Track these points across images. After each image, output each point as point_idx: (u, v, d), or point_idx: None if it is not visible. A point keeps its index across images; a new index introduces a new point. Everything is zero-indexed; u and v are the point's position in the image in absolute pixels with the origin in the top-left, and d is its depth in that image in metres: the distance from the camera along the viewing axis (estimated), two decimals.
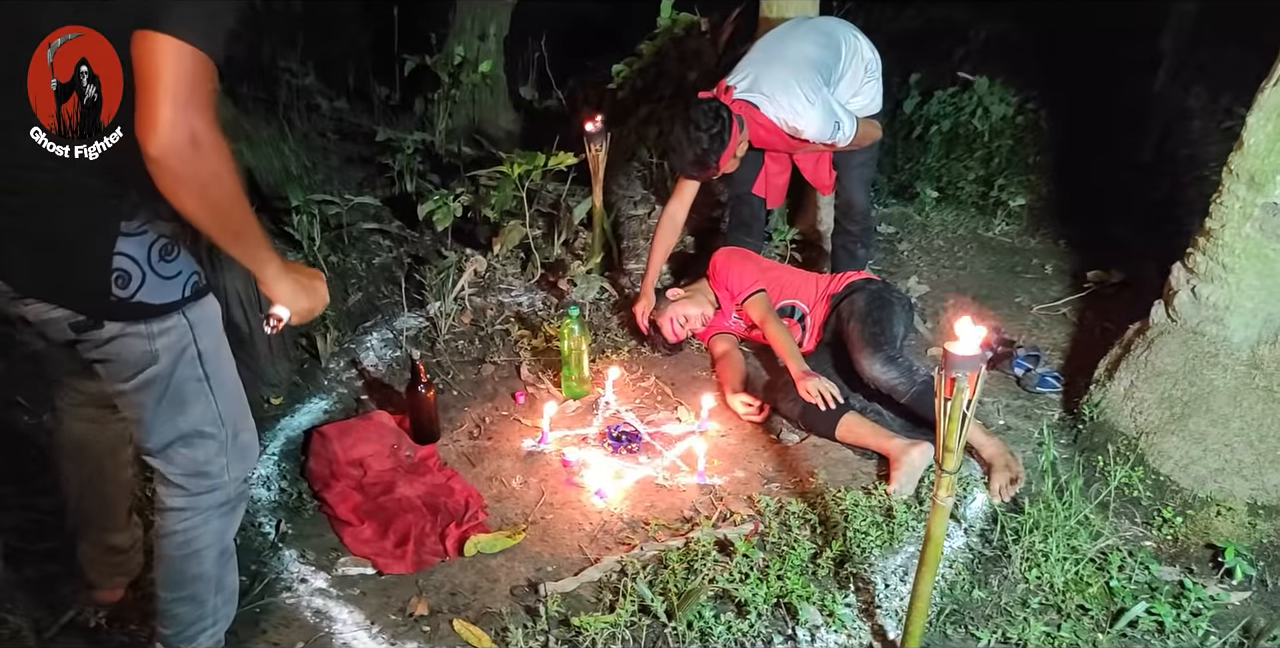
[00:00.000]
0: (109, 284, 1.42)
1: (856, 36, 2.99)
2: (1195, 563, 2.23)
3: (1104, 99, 4.64)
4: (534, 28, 4.93)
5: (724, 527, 2.31)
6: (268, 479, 2.45)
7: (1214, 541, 2.26)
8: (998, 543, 2.25)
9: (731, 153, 2.83)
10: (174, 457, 1.60)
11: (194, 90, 1.27)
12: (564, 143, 3.73)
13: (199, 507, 1.65)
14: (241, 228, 1.41)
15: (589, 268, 3.37)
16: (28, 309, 1.47)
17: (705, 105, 2.79)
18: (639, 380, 2.98)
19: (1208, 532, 2.28)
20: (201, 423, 1.59)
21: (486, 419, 2.74)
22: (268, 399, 2.74)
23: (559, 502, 2.42)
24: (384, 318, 3.20)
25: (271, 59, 4.48)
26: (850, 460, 2.60)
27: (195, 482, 1.63)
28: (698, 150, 2.78)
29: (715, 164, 2.82)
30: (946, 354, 1.74)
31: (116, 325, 1.46)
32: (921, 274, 3.73)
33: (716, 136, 2.76)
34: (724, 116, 2.77)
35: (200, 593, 1.71)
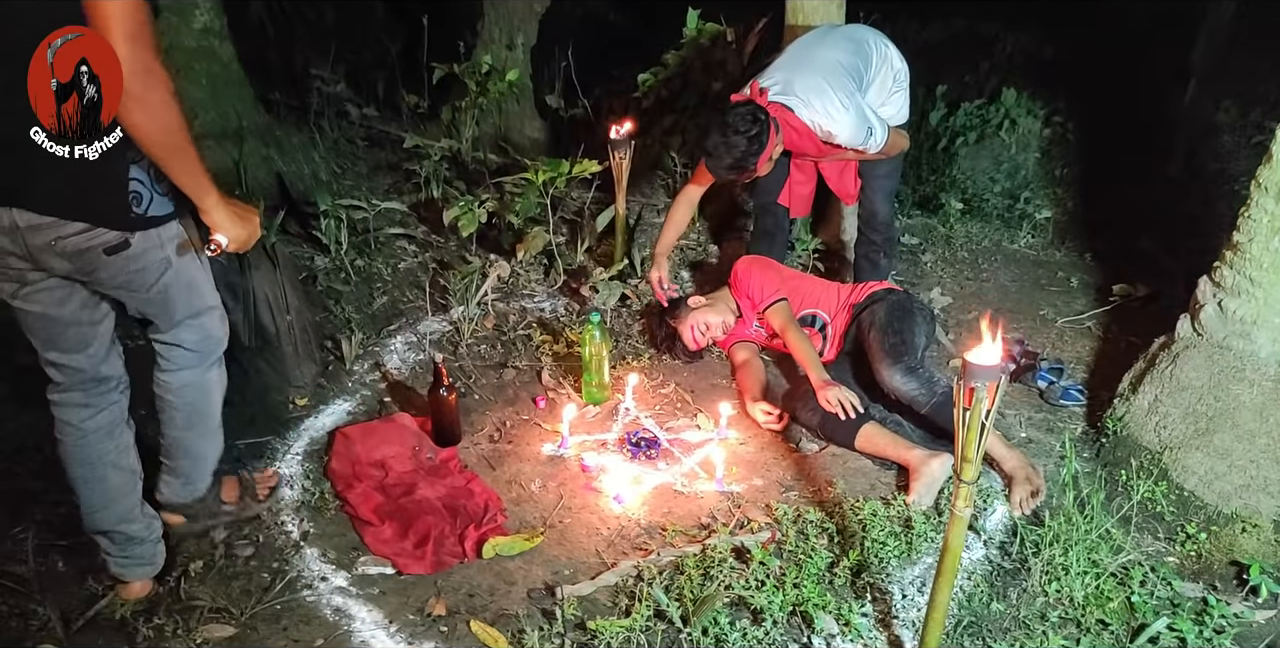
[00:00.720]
0: (128, 204, 1.69)
1: (886, 45, 2.99)
2: (1219, 580, 2.20)
3: (1132, 112, 4.62)
4: (561, 37, 4.99)
5: (741, 534, 2.31)
6: (291, 479, 2.49)
7: (1239, 558, 2.23)
8: (1017, 556, 2.24)
9: (768, 156, 2.82)
10: (186, 332, 1.95)
11: (141, 29, 1.49)
12: (589, 151, 3.77)
13: (205, 362, 2.02)
14: (186, 150, 1.65)
15: (611, 274, 3.40)
16: (67, 243, 1.66)
17: (742, 108, 2.77)
18: (659, 387, 2.99)
19: (1232, 549, 2.25)
20: (207, 298, 1.95)
21: (507, 423, 2.77)
22: (293, 400, 2.78)
23: (577, 506, 2.44)
24: (408, 321, 3.23)
25: (304, 68, 4.56)
26: (869, 471, 2.59)
27: (203, 345, 1.99)
28: (736, 154, 2.76)
29: (753, 167, 2.81)
30: (965, 364, 1.73)
31: (138, 239, 1.73)
32: (945, 286, 3.72)
33: (755, 139, 2.75)
34: (761, 119, 2.76)
35: (214, 428, 2.12)
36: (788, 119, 2.82)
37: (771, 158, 2.86)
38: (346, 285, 3.33)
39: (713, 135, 2.80)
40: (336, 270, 3.37)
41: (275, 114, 4.20)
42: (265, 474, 2.45)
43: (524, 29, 4.67)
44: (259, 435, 2.62)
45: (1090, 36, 5.02)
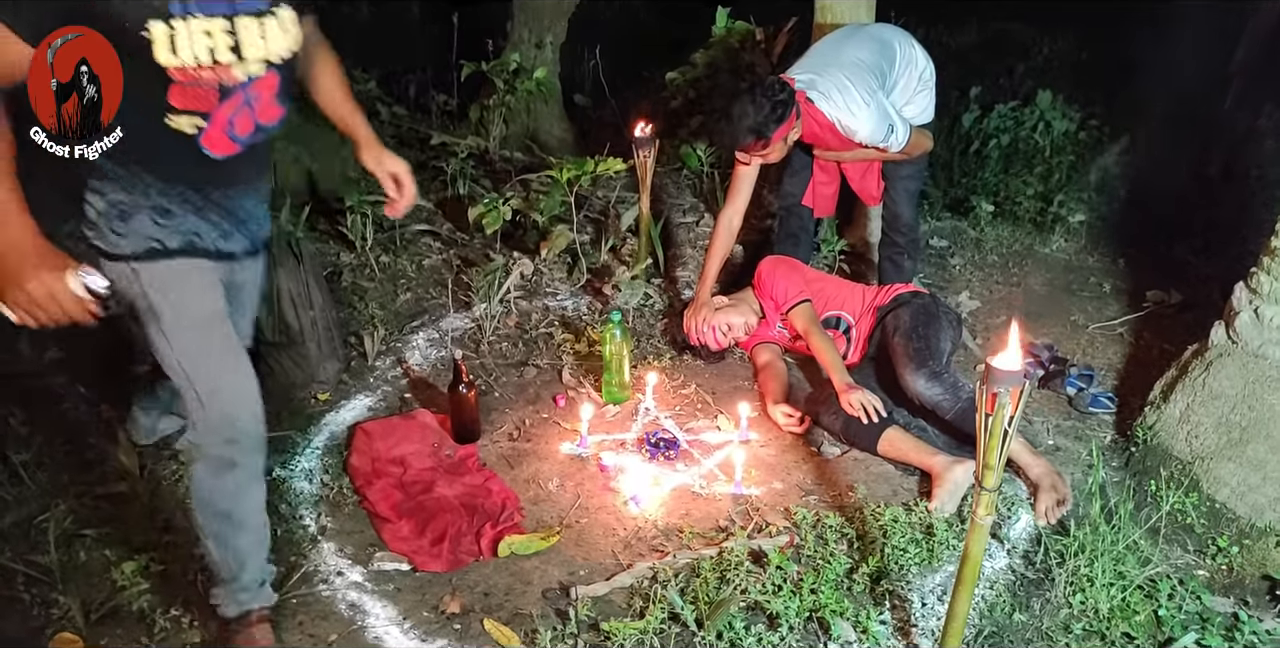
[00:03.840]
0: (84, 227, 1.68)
1: (912, 45, 2.96)
2: (1251, 595, 2.14)
3: (1171, 117, 4.52)
4: (591, 37, 4.99)
5: (759, 538, 2.28)
6: (310, 473, 2.50)
7: (1271, 573, 2.16)
8: (1041, 566, 2.19)
9: (785, 132, 2.77)
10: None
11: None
12: (616, 150, 3.76)
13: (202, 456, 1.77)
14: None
15: (634, 274, 3.38)
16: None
17: (774, 79, 2.78)
18: (680, 387, 2.97)
19: (1265, 563, 2.19)
20: (170, 370, 1.73)
21: (527, 422, 2.76)
22: (315, 396, 2.80)
23: (594, 506, 2.43)
24: (431, 318, 3.24)
25: None
26: (891, 476, 2.56)
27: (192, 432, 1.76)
28: (760, 116, 2.70)
29: (769, 137, 2.75)
30: (989, 368, 1.69)
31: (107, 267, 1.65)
32: (973, 289, 3.67)
33: (781, 103, 2.71)
34: (789, 90, 2.75)
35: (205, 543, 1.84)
36: (811, 111, 2.80)
37: (787, 139, 2.82)
38: (371, 282, 3.35)
39: (740, 99, 2.74)
40: (362, 267, 3.39)
41: (305, 113, 4.23)
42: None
43: (553, 28, 4.67)
44: (281, 430, 2.63)
45: (1129, 40, 4.93)
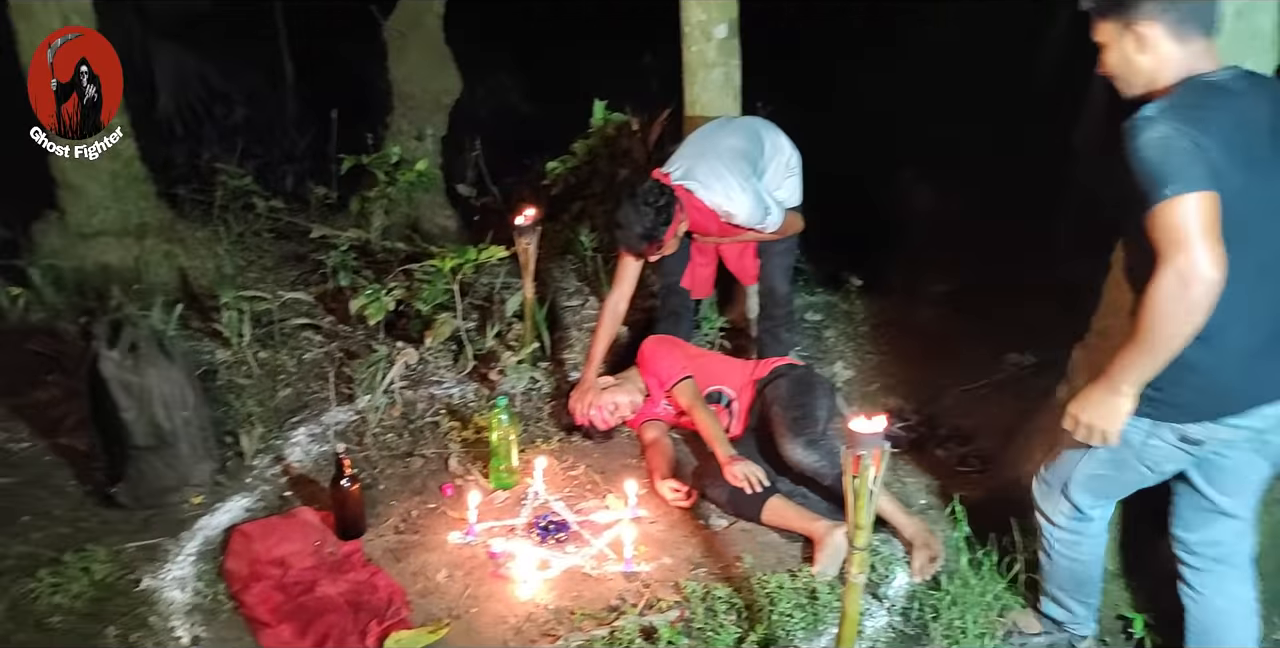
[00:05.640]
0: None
1: (778, 134, 3.19)
2: (1109, 635, 2.27)
3: (1024, 189, 4.90)
4: (471, 128, 5.13)
5: (650, 614, 2.30)
6: (183, 581, 2.40)
7: (1124, 612, 2.30)
8: (917, 621, 2.28)
9: (675, 230, 2.95)
10: None
11: None
12: (499, 237, 3.84)
13: None
14: None
15: (520, 359, 3.42)
16: None
17: (650, 184, 2.94)
18: (569, 469, 2.99)
19: (1119, 603, 2.33)
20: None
21: (413, 513, 2.72)
22: (188, 499, 2.70)
23: (484, 595, 2.40)
24: (313, 413, 3.19)
25: (210, 163, 4.58)
26: (777, 544, 2.62)
27: None
28: (647, 224, 2.88)
29: (662, 238, 2.92)
30: (851, 433, 1.80)
31: None
32: (847, 359, 3.84)
33: (664, 210, 2.89)
34: (668, 192, 2.91)
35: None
36: (691, 201, 2.96)
37: (678, 234, 2.99)
38: (249, 379, 3.28)
39: (624, 207, 2.92)
40: (239, 364, 3.33)
41: (179, 210, 4.19)
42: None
43: (433, 121, 4.79)
44: (151, 538, 2.52)
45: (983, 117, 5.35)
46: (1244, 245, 1.60)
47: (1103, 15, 1.71)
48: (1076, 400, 1.78)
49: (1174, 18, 1.64)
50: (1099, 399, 1.73)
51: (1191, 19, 1.65)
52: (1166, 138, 1.56)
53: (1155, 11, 1.65)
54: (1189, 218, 1.54)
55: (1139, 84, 1.72)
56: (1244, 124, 1.64)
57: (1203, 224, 1.54)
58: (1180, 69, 1.67)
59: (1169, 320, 1.58)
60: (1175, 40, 1.66)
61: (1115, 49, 1.72)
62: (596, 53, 6.18)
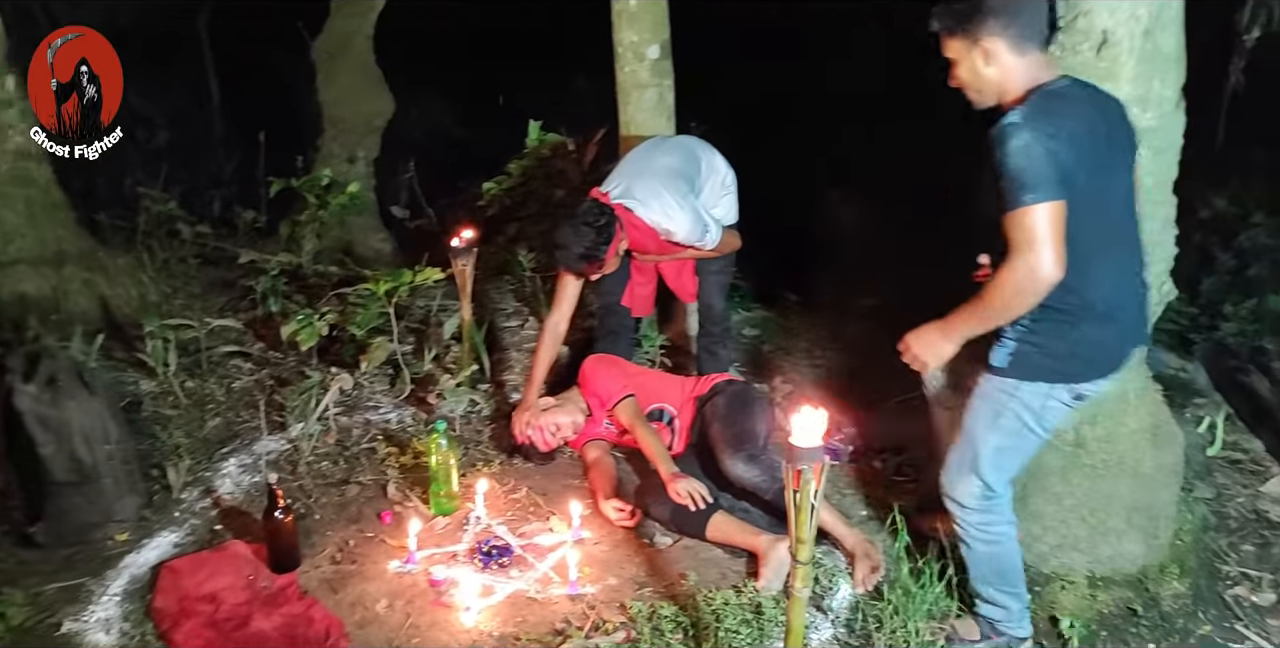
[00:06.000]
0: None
1: (714, 153, 3.23)
2: (1044, 638, 2.32)
3: (944, 204, 5.04)
4: (405, 150, 5.09)
5: (596, 637, 2.27)
6: (108, 622, 2.30)
7: (1058, 614, 2.36)
8: (861, 631, 2.30)
9: (615, 249, 2.94)
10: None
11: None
12: (435, 260, 3.81)
13: None
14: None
15: (459, 381, 3.38)
16: None
17: (589, 204, 2.94)
18: (510, 492, 2.95)
19: (1053, 606, 2.39)
20: None
21: (351, 542, 2.66)
22: (112, 536, 2.60)
23: (426, 624, 2.35)
24: (243, 443, 3.10)
25: (132, 188, 4.46)
26: (720, 560, 2.62)
27: None
28: (587, 243, 2.87)
29: (602, 257, 2.91)
30: (790, 447, 1.81)
31: None
32: (785, 374, 3.88)
33: (604, 229, 2.88)
34: (608, 212, 2.91)
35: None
36: (630, 219, 2.97)
37: (618, 252, 2.99)
38: (175, 409, 3.18)
39: (563, 228, 2.91)
40: (165, 394, 3.22)
41: (101, 237, 4.06)
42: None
43: (365, 143, 4.75)
44: (73, 578, 2.41)
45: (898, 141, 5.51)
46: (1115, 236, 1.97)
47: (952, 33, 1.96)
48: (915, 333, 2.11)
49: (1014, 33, 1.90)
50: (932, 340, 2.07)
51: (1028, 34, 1.91)
52: (1028, 145, 1.82)
53: (998, 28, 1.90)
54: (1041, 224, 1.81)
55: (991, 93, 1.98)
56: (1089, 129, 1.89)
57: (1052, 230, 1.81)
58: (1025, 78, 1.93)
59: (1010, 303, 1.90)
60: (1016, 53, 1.91)
61: (965, 64, 1.97)
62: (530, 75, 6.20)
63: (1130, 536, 2.45)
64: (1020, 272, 1.84)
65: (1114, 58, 2.17)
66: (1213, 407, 3.43)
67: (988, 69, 1.94)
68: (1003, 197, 1.85)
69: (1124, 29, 2.14)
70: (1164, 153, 2.29)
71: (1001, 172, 1.84)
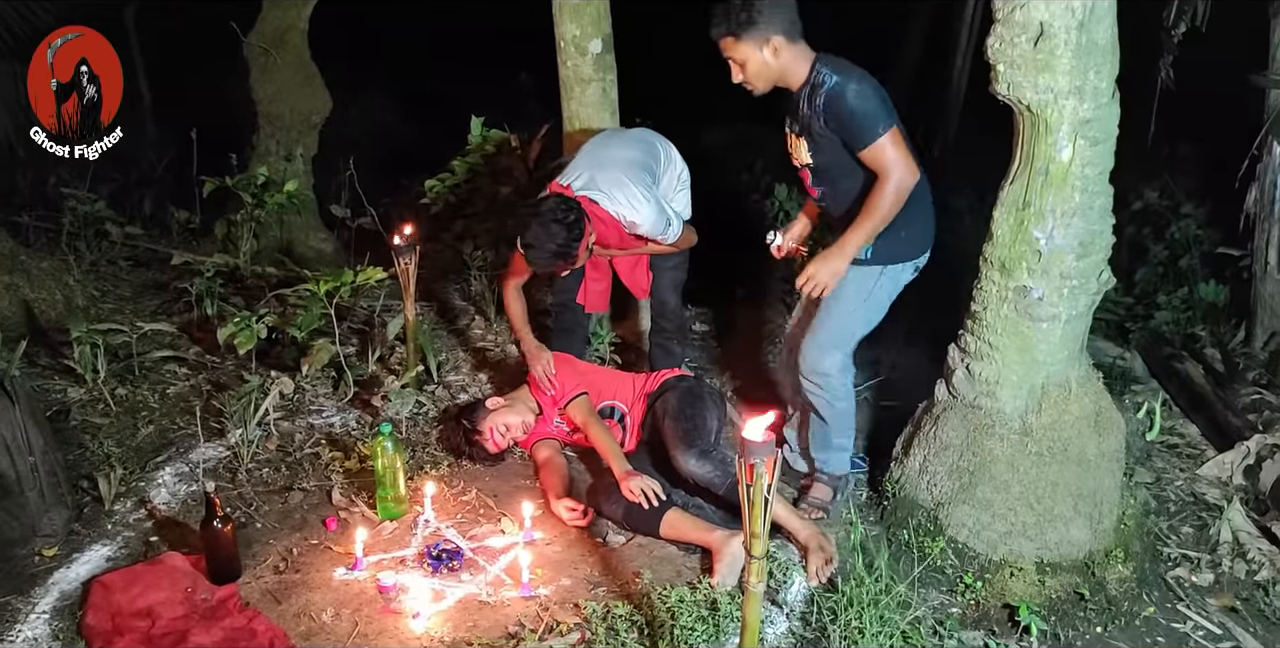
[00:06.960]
0: None
1: (669, 146, 3.19)
2: (996, 625, 2.35)
3: None
4: (344, 148, 4.97)
5: (550, 638, 2.24)
6: (36, 642, 2.19)
7: (1009, 601, 2.39)
8: (816, 624, 2.30)
9: (587, 242, 2.86)
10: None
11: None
12: (378, 259, 3.72)
13: None
14: None
15: (404, 383, 3.31)
16: None
17: (554, 199, 2.83)
18: (460, 494, 2.90)
19: (1004, 593, 2.42)
20: None
21: (294, 551, 2.58)
22: (39, 551, 2.48)
23: (375, 632, 2.28)
24: (179, 451, 2.99)
25: (56, 188, 4.28)
26: (675, 557, 2.60)
27: None
28: (558, 241, 2.78)
29: (574, 254, 2.84)
30: (743, 442, 1.80)
31: None
32: (736, 369, 3.89)
33: (574, 226, 2.79)
34: (575, 206, 2.82)
35: None
36: (594, 211, 2.90)
37: (589, 247, 2.92)
38: (106, 418, 3.05)
39: (531, 228, 2.79)
40: (94, 402, 3.09)
41: (23, 238, 3.89)
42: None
43: (303, 141, 4.62)
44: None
45: None
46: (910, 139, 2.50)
47: (737, 37, 2.38)
48: (814, 263, 2.51)
49: (787, 28, 2.38)
50: (833, 262, 2.50)
51: (794, 28, 2.39)
52: (860, 90, 2.35)
53: (779, 27, 2.37)
54: (899, 144, 2.38)
55: (772, 79, 2.45)
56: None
57: (904, 146, 2.39)
58: (804, 59, 2.42)
59: (893, 211, 2.43)
60: (792, 43, 2.40)
61: (754, 60, 2.40)
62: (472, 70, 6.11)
63: (1076, 522, 2.49)
64: (899, 185, 2.38)
65: (1050, 50, 2.19)
66: (1150, 393, 3.52)
67: (775, 61, 2.39)
68: (857, 137, 2.37)
69: (1060, 21, 2.17)
70: (1101, 144, 2.32)
71: (850, 120, 2.35)
